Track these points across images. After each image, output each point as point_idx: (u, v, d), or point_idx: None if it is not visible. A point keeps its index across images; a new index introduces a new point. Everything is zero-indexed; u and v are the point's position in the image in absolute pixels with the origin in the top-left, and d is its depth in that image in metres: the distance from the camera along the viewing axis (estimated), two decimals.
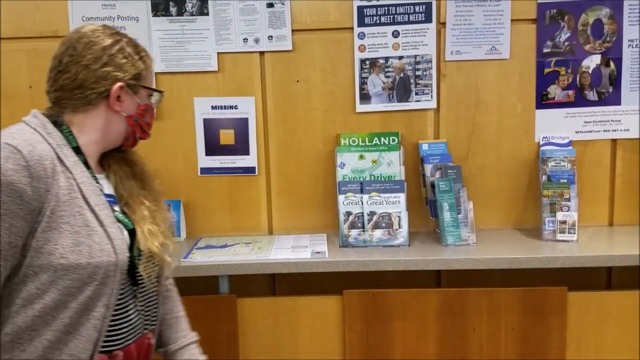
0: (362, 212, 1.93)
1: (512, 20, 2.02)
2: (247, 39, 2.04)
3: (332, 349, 1.84)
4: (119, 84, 1.12)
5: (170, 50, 2.04)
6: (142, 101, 1.19)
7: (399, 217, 1.92)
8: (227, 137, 2.10)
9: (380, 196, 1.94)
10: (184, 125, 2.09)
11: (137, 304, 1.15)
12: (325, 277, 1.88)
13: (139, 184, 1.22)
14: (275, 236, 2.10)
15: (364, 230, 1.92)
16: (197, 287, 1.99)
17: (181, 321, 1.37)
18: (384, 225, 1.92)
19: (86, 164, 1.11)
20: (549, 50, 2.04)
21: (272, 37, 2.03)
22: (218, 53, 2.05)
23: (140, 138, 1.23)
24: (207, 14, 2.02)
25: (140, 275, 1.14)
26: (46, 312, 1.00)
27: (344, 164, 2.03)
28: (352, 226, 1.93)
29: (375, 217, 1.92)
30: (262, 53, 2.06)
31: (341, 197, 1.96)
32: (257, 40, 2.03)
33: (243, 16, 2.02)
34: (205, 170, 2.11)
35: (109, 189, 1.17)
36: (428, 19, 2.01)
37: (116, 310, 1.09)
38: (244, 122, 2.08)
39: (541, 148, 2.06)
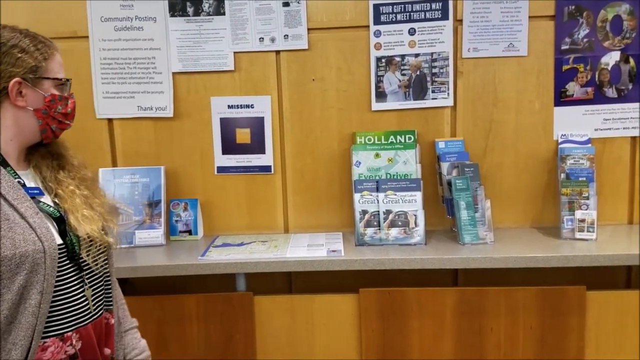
0: (378, 211, 1.93)
1: (529, 16, 2.00)
2: (263, 38, 2.04)
3: (349, 347, 1.84)
4: (15, 79, 1.13)
5: (187, 50, 2.06)
6: (46, 93, 1.18)
7: (415, 215, 1.91)
8: (243, 136, 2.11)
9: (396, 194, 1.93)
10: (201, 125, 2.10)
11: (86, 288, 1.19)
12: (341, 275, 1.88)
13: (68, 174, 1.25)
14: (291, 234, 2.10)
15: (379, 229, 1.92)
16: (214, 285, 2.00)
17: (122, 308, 1.40)
18: (400, 223, 1.91)
19: (4, 162, 1.14)
20: (567, 47, 2.01)
21: (287, 36, 2.03)
22: (234, 52, 2.06)
23: (60, 129, 1.23)
24: (224, 13, 2.04)
25: (84, 261, 1.18)
26: None
27: (359, 163, 2.03)
28: (368, 225, 1.92)
29: (391, 216, 1.92)
30: (278, 52, 2.06)
31: (357, 196, 1.95)
32: (273, 40, 2.04)
33: (259, 15, 2.03)
34: (221, 169, 2.13)
35: (34, 182, 1.20)
36: (445, 16, 2.00)
37: (61, 295, 1.13)
38: (260, 121, 2.09)
39: (560, 146, 2.04)
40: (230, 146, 2.11)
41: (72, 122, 1.26)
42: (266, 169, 2.11)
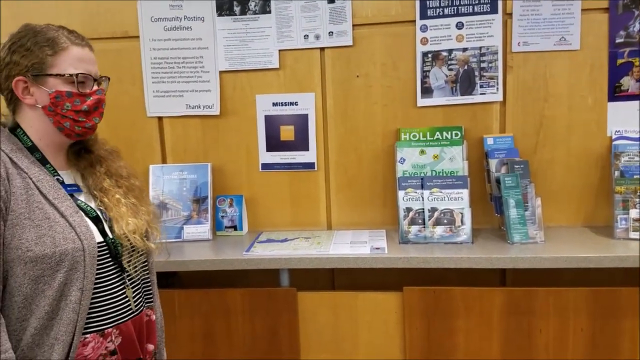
0: (423, 208, 1.90)
1: (582, 9, 1.94)
2: (307, 36, 2.05)
3: (393, 346, 1.83)
4: (17, 78, 1.14)
5: (233, 48, 2.09)
6: (51, 89, 1.15)
7: (461, 213, 1.88)
8: (287, 133, 2.12)
9: (441, 192, 1.90)
10: (247, 122, 2.13)
11: (127, 287, 1.22)
12: (384, 273, 1.87)
13: (115, 182, 1.27)
14: (334, 231, 2.11)
15: (424, 227, 1.89)
16: (258, 280, 2.03)
17: None
18: (445, 221, 1.88)
19: (43, 160, 1.17)
20: (622, 40, 1.94)
21: (332, 32, 2.03)
22: (279, 50, 2.08)
23: (79, 127, 1.19)
24: (270, 12, 2.06)
25: (124, 265, 1.21)
26: (28, 302, 1.08)
27: (404, 160, 2.01)
28: (412, 222, 1.90)
29: (436, 214, 1.89)
30: (322, 49, 2.07)
31: (401, 193, 1.94)
32: (317, 37, 2.05)
33: (304, 13, 2.04)
34: (266, 166, 2.15)
35: (72, 180, 1.23)
36: (494, 10, 1.96)
37: (101, 291, 1.16)
38: (304, 118, 2.10)
39: (613, 142, 1.96)
40: (274, 143, 2.13)
41: (96, 120, 1.22)
42: (310, 165, 2.12)
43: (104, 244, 1.18)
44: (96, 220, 1.19)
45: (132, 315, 1.22)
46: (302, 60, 2.08)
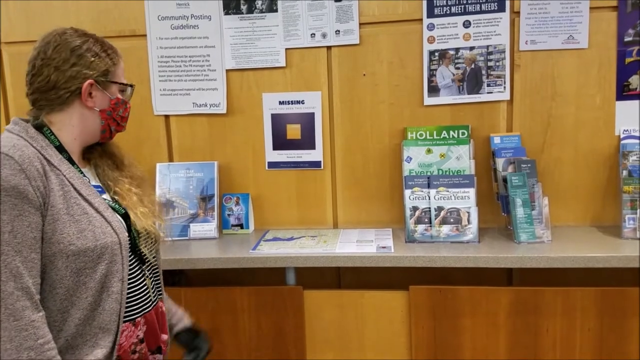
0: (429, 207, 1.90)
1: (590, 8, 1.93)
2: (314, 34, 2.05)
3: (399, 344, 1.83)
4: (89, 81, 1.19)
5: (240, 47, 2.09)
6: (112, 96, 1.25)
7: (468, 212, 1.87)
8: (293, 131, 2.13)
9: (448, 191, 1.90)
10: (253, 121, 2.14)
11: (147, 278, 1.27)
12: (390, 272, 1.87)
13: (121, 173, 1.31)
14: (341, 230, 2.11)
15: (431, 226, 1.89)
16: (264, 278, 2.04)
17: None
18: (452, 220, 1.88)
19: (70, 160, 1.20)
20: (630, 38, 1.93)
21: (339, 31, 2.03)
22: (286, 49, 2.08)
23: (116, 131, 1.30)
24: (276, 10, 2.06)
25: (144, 253, 1.26)
26: (70, 294, 1.11)
27: (410, 158, 2.00)
28: (419, 221, 1.90)
29: (442, 213, 1.89)
30: (329, 47, 2.07)
31: (407, 192, 1.93)
32: (324, 35, 2.05)
33: (311, 11, 2.04)
34: (272, 165, 2.15)
35: (95, 180, 1.27)
36: (501, 8, 1.95)
37: (131, 284, 1.22)
38: (311, 116, 2.10)
39: (622, 142, 1.95)
40: (281, 142, 2.14)
41: (125, 126, 1.32)
42: (316, 164, 2.12)
43: (129, 238, 1.23)
44: (125, 217, 1.24)
45: (152, 305, 1.28)
46: (308, 59, 2.08)
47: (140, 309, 1.23)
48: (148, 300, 1.26)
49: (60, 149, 1.20)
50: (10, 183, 1.04)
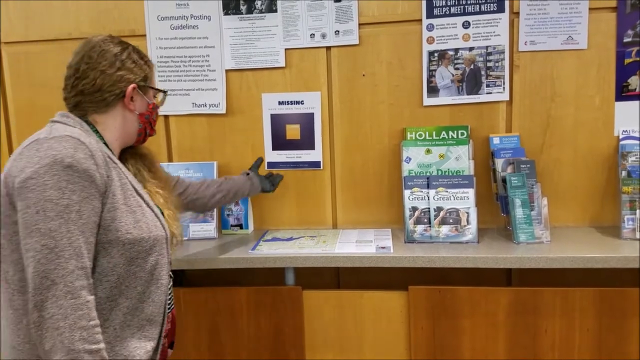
0: (429, 208, 1.90)
1: (590, 8, 1.93)
2: (314, 35, 2.05)
3: (398, 345, 1.83)
4: (133, 85, 1.26)
5: (240, 47, 2.10)
6: (150, 100, 1.33)
7: (467, 213, 1.87)
8: (293, 132, 2.13)
9: (447, 191, 1.90)
10: (252, 121, 2.14)
11: (170, 275, 1.32)
12: (389, 272, 1.87)
13: (151, 174, 1.37)
14: (340, 230, 2.11)
15: (430, 226, 1.89)
16: (263, 279, 2.04)
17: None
18: (451, 221, 1.88)
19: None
20: (629, 39, 1.93)
21: (338, 32, 2.03)
22: (285, 49, 2.08)
23: (149, 135, 1.37)
24: (276, 10, 2.06)
25: (170, 253, 1.31)
26: (120, 282, 1.14)
27: (409, 159, 2.00)
28: (418, 222, 1.90)
29: (442, 213, 1.89)
30: (328, 48, 2.07)
31: (407, 192, 1.93)
32: (324, 36, 2.05)
33: (310, 12, 2.04)
34: (272, 165, 2.15)
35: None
36: (500, 9, 1.95)
37: None
38: (310, 116, 2.10)
39: (621, 142, 1.95)
40: (280, 142, 2.14)
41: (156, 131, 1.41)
42: (315, 164, 2.12)
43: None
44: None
45: (173, 304, 1.34)
46: (308, 59, 2.08)
47: (170, 305, 1.29)
48: (172, 296, 1.32)
49: (106, 147, 1.25)
50: (83, 166, 1.08)
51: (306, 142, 2.12)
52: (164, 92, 1.40)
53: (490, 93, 2.00)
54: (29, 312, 1.05)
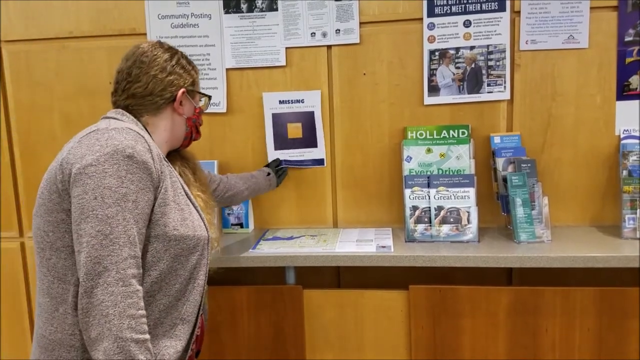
0: (429, 207, 1.90)
1: (591, 7, 1.93)
2: (314, 33, 2.05)
3: (398, 344, 1.83)
4: (182, 89, 1.30)
5: (240, 46, 2.09)
6: (197, 104, 1.37)
7: (468, 212, 1.87)
8: (295, 130, 2.12)
9: (448, 191, 1.90)
10: (253, 120, 2.14)
11: (206, 283, 1.31)
12: (389, 271, 1.87)
13: (195, 176, 1.39)
14: (340, 229, 2.11)
15: (430, 225, 1.89)
16: (264, 278, 2.04)
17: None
18: (452, 220, 1.88)
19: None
20: (631, 38, 1.93)
21: (339, 30, 2.03)
22: (286, 48, 2.07)
23: (194, 139, 1.41)
24: (277, 9, 2.06)
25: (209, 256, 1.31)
26: (161, 278, 1.14)
27: (410, 158, 2.00)
28: (419, 221, 1.90)
29: (442, 212, 1.89)
30: (329, 47, 2.06)
31: (407, 191, 1.93)
32: (324, 34, 2.04)
33: (311, 10, 2.04)
34: None
35: None
36: (501, 8, 1.95)
37: None
38: (310, 115, 2.10)
39: (622, 142, 1.95)
40: (282, 141, 2.13)
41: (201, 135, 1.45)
42: (319, 162, 2.12)
43: None
44: None
45: (207, 306, 1.38)
46: (308, 58, 2.08)
47: (204, 307, 1.31)
48: (206, 299, 1.34)
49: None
50: (142, 158, 1.10)
51: (309, 140, 2.12)
52: (209, 96, 1.43)
53: (491, 92, 2.00)
54: (65, 300, 1.07)
